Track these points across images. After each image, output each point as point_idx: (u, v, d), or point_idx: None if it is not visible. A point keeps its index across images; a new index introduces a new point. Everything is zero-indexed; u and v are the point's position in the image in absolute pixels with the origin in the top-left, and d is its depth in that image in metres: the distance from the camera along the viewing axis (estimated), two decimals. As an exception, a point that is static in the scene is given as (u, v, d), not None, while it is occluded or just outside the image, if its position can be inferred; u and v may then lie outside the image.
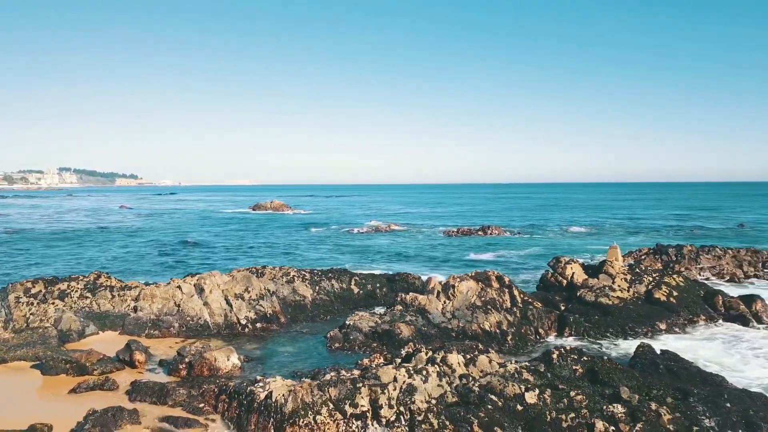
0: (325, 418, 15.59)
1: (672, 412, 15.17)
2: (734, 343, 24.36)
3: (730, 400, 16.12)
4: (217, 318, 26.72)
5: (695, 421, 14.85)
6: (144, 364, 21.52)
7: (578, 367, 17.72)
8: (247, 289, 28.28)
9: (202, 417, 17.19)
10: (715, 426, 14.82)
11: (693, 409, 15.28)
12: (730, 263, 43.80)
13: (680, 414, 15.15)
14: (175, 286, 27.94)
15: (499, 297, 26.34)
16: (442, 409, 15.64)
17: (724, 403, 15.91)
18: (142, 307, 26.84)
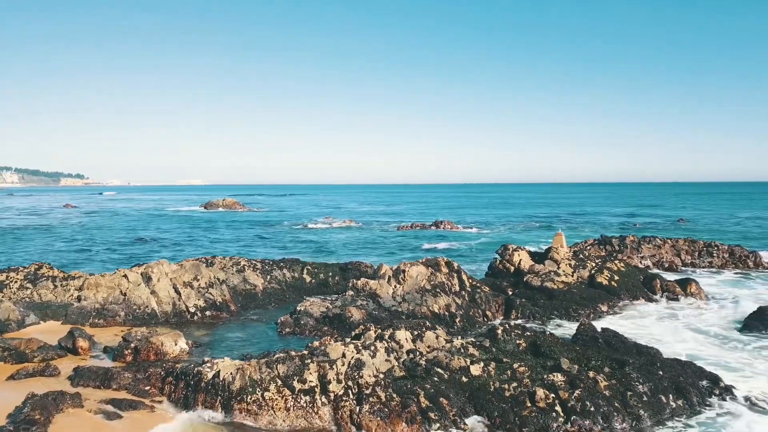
0: (273, 395, 15.64)
1: (608, 379, 15.89)
2: (670, 320, 25.58)
3: (663, 368, 16.99)
4: (165, 306, 26.28)
5: (630, 387, 15.59)
6: (88, 351, 21.01)
7: (521, 342, 18.31)
8: (196, 278, 27.91)
9: (147, 399, 16.93)
10: (648, 391, 15.60)
11: (628, 377, 16.03)
12: (669, 252, 45.77)
13: (616, 381, 15.89)
14: (121, 275, 27.32)
15: (448, 281, 26.86)
16: (389, 383, 15.91)
17: (657, 371, 16.76)
18: (86, 296, 26.15)
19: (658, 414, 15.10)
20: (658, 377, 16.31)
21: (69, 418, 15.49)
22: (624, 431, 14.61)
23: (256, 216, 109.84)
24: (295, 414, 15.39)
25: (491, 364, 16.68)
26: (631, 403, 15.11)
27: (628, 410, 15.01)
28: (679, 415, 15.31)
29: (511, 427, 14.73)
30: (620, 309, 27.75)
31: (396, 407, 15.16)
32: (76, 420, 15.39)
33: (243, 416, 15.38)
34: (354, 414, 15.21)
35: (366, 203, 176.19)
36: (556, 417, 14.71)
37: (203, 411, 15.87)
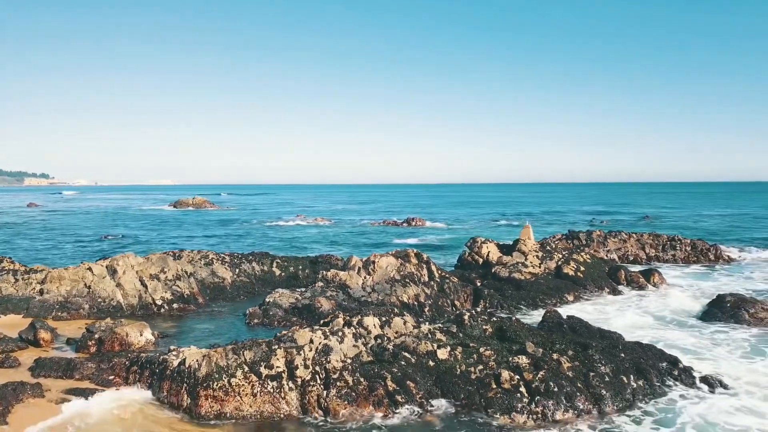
0: (240, 381, 15.54)
1: (572, 361, 16.21)
2: (633, 308, 26.19)
3: (624, 350, 17.40)
4: (131, 299, 25.86)
5: (592, 368, 15.92)
6: (50, 342, 20.55)
7: (488, 327, 18.53)
8: (163, 270, 27.53)
9: (111, 388, 16.68)
10: (609, 372, 15.95)
11: (591, 358, 16.38)
12: (634, 246, 46.78)
13: (579, 363, 16.21)
14: (85, 268, 26.79)
15: (418, 272, 27.02)
16: (357, 367, 15.96)
17: (619, 353, 17.16)
18: (49, 289, 25.58)
19: (620, 393, 15.45)
20: (620, 359, 16.69)
21: (29, 408, 15.17)
22: (586, 410, 14.93)
23: (227, 214, 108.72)
24: (262, 399, 15.33)
25: (458, 348, 16.85)
26: (594, 383, 15.44)
27: (590, 390, 15.33)
28: (641, 395, 15.68)
29: (477, 408, 14.92)
30: (586, 298, 28.28)
31: (363, 391, 15.23)
32: (37, 410, 15.07)
33: (208, 403, 15.24)
34: (321, 398, 15.22)
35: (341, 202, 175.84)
36: (520, 398, 14.95)
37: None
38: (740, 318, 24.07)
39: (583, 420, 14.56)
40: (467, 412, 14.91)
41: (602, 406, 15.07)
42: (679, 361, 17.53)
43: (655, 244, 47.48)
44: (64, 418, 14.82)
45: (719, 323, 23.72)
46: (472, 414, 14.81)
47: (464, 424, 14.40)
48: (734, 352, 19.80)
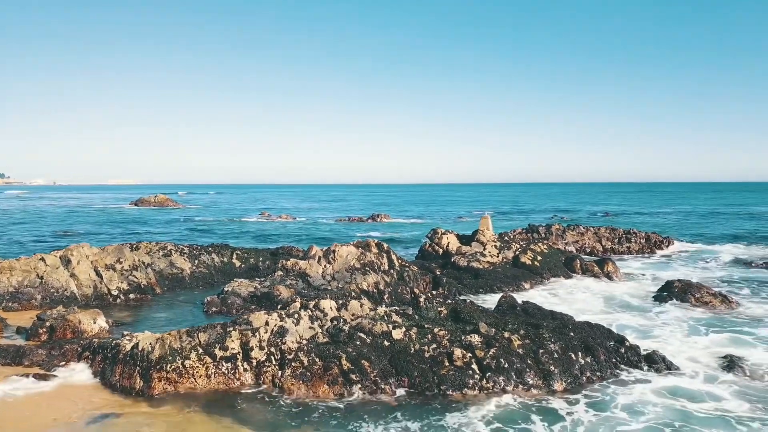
0: (194, 362, 15.50)
1: (522, 339, 16.64)
2: (586, 293, 26.96)
3: (574, 330, 17.93)
4: (86, 289, 25.39)
5: (542, 346, 16.38)
6: (1, 331, 20.08)
7: (443, 309, 18.86)
8: (119, 260, 27.10)
9: (63, 373, 16.40)
10: (558, 349, 16.44)
11: (541, 337, 16.84)
12: (591, 239, 47.99)
13: (529, 341, 16.66)
14: (37, 258, 26.19)
15: (378, 260, 27.24)
16: (312, 348, 16.07)
17: (569, 332, 17.68)
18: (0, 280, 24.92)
19: (568, 370, 15.94)
20: (569, 338, 17.21)
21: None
22: (536, 386, 15.37)
23: (190, 212, 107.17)
24: (216, 380, 15.33)
25: (413, 329, 17.11)
26: (543, 359, 15.89)
27: (539, 366, 15.78)
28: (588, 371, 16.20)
29: (430, 386, 15.20)
30: (542, 286, 28.95)
31: (318, 370, 15.36)
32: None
33: (162, 385, 15.14)
34: (276, 378, 15.30)
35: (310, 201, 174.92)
36: (472, 374, 15.30)
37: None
38: (687, 301, 25.02)
39: (531, 395, 15.00)
40: (421, 389, 15.19)
41: (551, 381, 15.54)
42: (626, 339, 18.14)
43: (611, 237, 48.82)
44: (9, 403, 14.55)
45: (667, 307, 24.60)
46: (426, 391, 15.09)
47: (418, 402, 14.67)
48: (677, 333, 20.61)
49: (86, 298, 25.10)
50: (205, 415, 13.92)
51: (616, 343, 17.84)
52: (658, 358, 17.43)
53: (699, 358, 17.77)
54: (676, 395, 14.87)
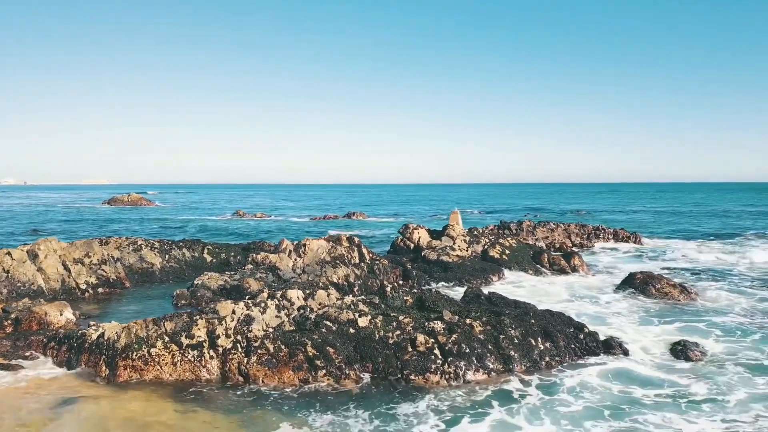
0: (160, 350, 15.66)
1: (484, 325, 17.10)
2: (552, 285, 27.62)
3: (534, 317, 18.45)
4: (53, 283, 25.24)
5: (502, 332, 16.86)
6: (-38, 324, 19.89)
7: (409, 298, 19.26)
8: (87, 255, 26.97)
9: (28, 363, 16.41)
10: (519, 335, 16.94)
11: (502, 323, 17.32)
12: (561, 235, 48.91)
13: (491, 327, 17.12)
14: (3, 253, 25.90)
15: (348, 254, 27.55)
16: (278, 336, 16.32)
17: (530, 319, 18.18)
18: (-36, 274, 24.63)
19: (528, 354, 16.45)
20: (530, 324, 17.72)
21: (-62, 383, 14.80)
22: (496, 370, 15.85)
23: (164, 211, 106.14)
24: (183, 368, 15.50)
25: (379, 317, 17.45)
26: (503, 345, 16.37)
27: (500, 351, 16.26)
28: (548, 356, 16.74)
29: (393, 371, 15.58)
30: (510, 279, 29.55)
31: (283, 357, 15.62)
32: (-54, 385, 14.71)
33: (127, 373, 15.27)
34: (242, 365, 15.52)
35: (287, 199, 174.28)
36: (434, 359, 15.71)
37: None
38: (647, 292, 25.80)
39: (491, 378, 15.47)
40: (384, 374, 15.55)
41: (511, 365, 16.03)
42: (586, 326, 18.74)
43: (581, 233, 49.84)
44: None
45: (628, 297, 25.36)
46: (389, 376, 15.46)
47: (381, 386, 15.04)
48: (636, 321, 21.33)
49: (54, 292, 24.93)
50: (171, 401, 14.10)
51: (576, 330, 18.42)
52: (615, 343, 18.06)
53: (652, 345, 18.44)
54: (627, 379, 15.48)
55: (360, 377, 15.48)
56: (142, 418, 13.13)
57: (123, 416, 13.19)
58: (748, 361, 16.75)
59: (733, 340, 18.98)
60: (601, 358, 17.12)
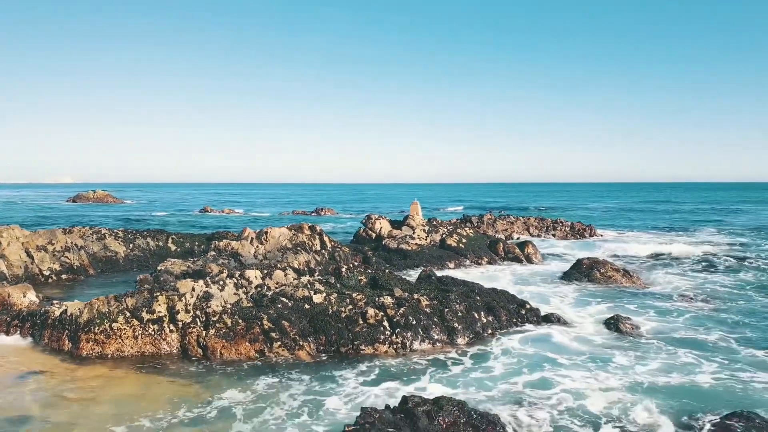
0: (122, 325, 16.39)
1: (431, 300, 18.26)
2: (504, 271, 29.01)
3: (479, 294, 19.70)
4: (16, 269, 25.58)
5: (447, 306, 18.04)
6: (-75, 306, 20.24)
7: (363, 278, 20.30)
8: (51, 242, 27.34)
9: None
10: (463, 309, 18.14)
11: (447, 298, 18.50)
12: (520, 227, 50.65)
13: (437, 302, 18.29)
14: (-34, 240, 26.15)
15: (310, 241, 28.50)
16: (236, 311, 17.20)
17: (474, 296, 19.42)
18: (-75, 261, 24.83)
19: (471, 327, 17.66)
20: (474, 300, 18.95)
21: None
22: (441, 341, 17.01)
23: (131, 207, 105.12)
24: (143, 341, 16.27)
25: (333, 294, 18.47)
26: (448, 317, 17.55)
27: (444, 324, 17.43)
28: (490, 328, 17.98)
29: (345, 342, 16.60)
30: (465, 265, 30.85)
31: (240, 330, 16.51)
32: None
33: (89, 347, 15.97)
34: (201, 338, 16.36)
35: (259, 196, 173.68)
36: (383, 330, 16.78)
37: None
38: (592, 276, 27.36)
39: (436, 348, 16.62)
40: (337, 346, 16.56)
41: (455, 336, 17.21)
42: (528, 303, 20.08)
43: (539, 226, 51.63)
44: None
45: (575, 281, 26.87)
46: (341, 347, 16.48)
47: (333, 356, 16.05)
48: (577, 301, 22.81)
49: (17, 278, 25.28)
50: (132, 372, 14.87)
51: (518, 306, 19.74)
52: (554, 318, 19.45)
53: (590, 320, 19.85)
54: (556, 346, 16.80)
55: (313, 348, 16.47)
56: (103, 388, 13.88)
57: (84, 387, 13.92)
58: (674, 336, 18.14)
59: (666, 318, 20.46)
60: (539, 330, 18.44)
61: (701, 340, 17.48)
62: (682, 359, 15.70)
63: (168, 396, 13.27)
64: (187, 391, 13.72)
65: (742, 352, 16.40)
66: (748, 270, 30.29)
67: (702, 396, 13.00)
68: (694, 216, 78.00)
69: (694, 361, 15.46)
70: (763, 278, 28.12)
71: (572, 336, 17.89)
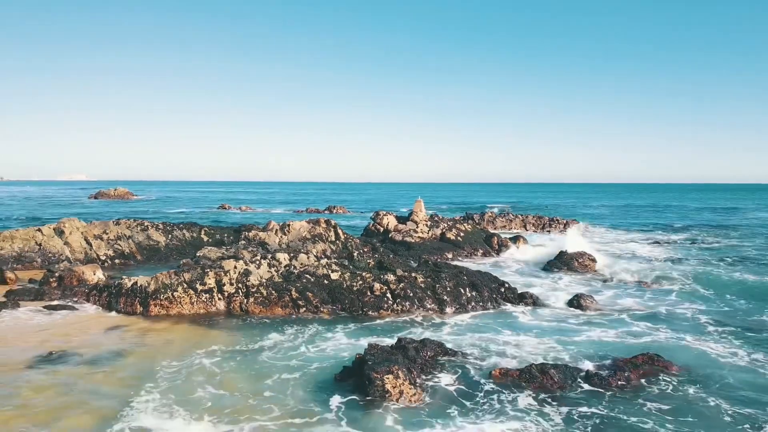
0: (181, 294, 20.84)
1: (425, 277, 22.57)
2: (495, 261, 33.20)
3: (466, 275, 23.95)
4: (78, 254, 30.19)
5: (439, 282, 22.33)
6: (15, 281, 24.87)
7: (371, 261, 24.64)
8: (105, 232, 31.93)
9: (77, 306, 21.46)
10: (451, 285, 22.41)
11: (439, 276, 22.78)
12: (518, 224, 54.83)
13: (431, 279, 22.58)
14: (35, 229, 30.81)
15: (326, 233, 32.88)
16: (270, 284, 21.61)
17: (462, 276, 23.68)
18: (2, 247, 29.47)
19: (457, 299, 21.93)
20: (461, 279, 23.22)
21: (9, 315, 19.77)
22: (432, 309, 21.30)
23: (151, 203, 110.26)
24: (198, 307, 20.71)
25: (347, 273, 22.83)
26: (438, 291, 21.84)
27: (436, 296, 21.72)
28: (473, 302, 22.23)
29: (356, 309, 20.94)
30: (462, 256, 35.11)
31: (274, 298, 20.92)
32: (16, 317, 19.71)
33: (157, 309, 20.44)
34: (242, 304, 20.79)
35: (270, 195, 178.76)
36: (387, 300, 21.12)
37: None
38: (571, 266, 31.48)
39: (428, 315, 20.93)
40: (350, 311, 20.90)
41: (444, 306, 21.49)
42: (507, 283, 24.29)
43: (536, 223, 55.81)
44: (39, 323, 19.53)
45: (555, 269, 31.01)
46: (353, 312, 20.83)
47: (346, 319, 20.38)
48: (552, 284, 27.03)
49: (79, 262, 29.85)
50: (191, 326, 19.30)
51: (498, 285, 23.97)
52: (528, 296, 23.65)
53: (559, 299, 23.99)
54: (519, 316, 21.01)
55: (331, 313, 20.84)
56: (171, 335, 18.33)
57: (156, 334, 18.38)
58: (630, 311, 22.02)
59: (627, 299, 24.30)
60: (514, 305, 22.66)
61: (648, 314, 21.52)
62: (624, 326, 19.85)
63: (220, 339, 17.68)
64: (233, 336, 18.11)
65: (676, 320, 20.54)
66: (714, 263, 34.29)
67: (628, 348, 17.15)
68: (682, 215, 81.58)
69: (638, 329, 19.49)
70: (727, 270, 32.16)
71: (539, 311, 22.09)
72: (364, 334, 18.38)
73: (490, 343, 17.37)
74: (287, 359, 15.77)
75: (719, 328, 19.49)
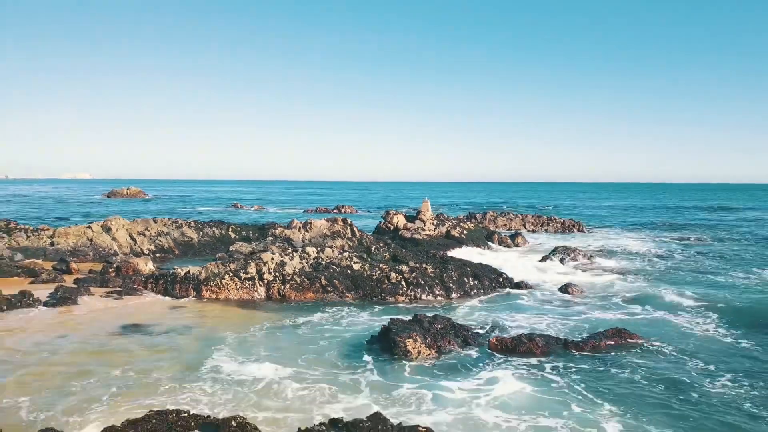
0: (227, 281, 24.59)
1: (434, 268, 26.29)
2: (495, 256, 36.90)
3: (469, 267, 27.68)
4: (124, 249, 33.99)
5: (446, 272, 26.04)
6: (78, 271, 28.66)
7: (386, 254, 28.39)
8: (147, 229, 35.73)
9: (137, 292, 25.24)
10: (456, 275, 26.13)
11: (446, 268, 26.51)
12: (518, 223, 58.47)
13: (439, 270, 26.30)
14: (85, 227, 34.62)
15: (343, 230, 36.63)
16: (302, 273, 25.36)
17: (465, 267, 27.40)
18: (59, 242, 33.30)
19: (462, 287, 25.63)
20: (465, 269, 26.94)
21: (86, 298, 23.54)
22: (440, 295, 25.02)
23: (165, 201, 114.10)
24: (242, 292, 24.47)
25: (366, 264, 26.56)
26: (445, 280, 25.56)
27: (443, 284, 25.43)
28: (475, 289, 25.93)
29: (375, 294, 24.68)
30: (464, 250, 38.82)
31: (306, 285, 24.66)
32: (92, 299, 23.48)
33: (208, 294, 24.21)
34: (280, 290, 24.53)
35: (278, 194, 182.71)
36: (402, 287, 24.85)
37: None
38: (563, 261, 35.17)
39: (437, 300, 24.64)
40: (370, 297, 24.63)
41: (450, 293, 25.20)
42: (504, 273, 28.01)
43: (535, 222, 59.44)
44: (107, 305, 23.29)
45: (548, 263, 34.70)
46: (372, 297, 24.55)
47: (367, 303, 24.09)
48: (545, 275, 30.68)
49: (126, 256, 33.63)
50: (237, 308, 23.06)
51: (497, 275, 27.68)
52: (523, 284, 27.35)
53: (550, 287, 27.69)
54: (515, 299, 24.71)
55: (354, 298, 24.57)
56: (222, 314, 22.08)
57: (210, 314, 22.13)
58: (612, 297, 25.75)
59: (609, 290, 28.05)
60: (511, 291, 26.36)
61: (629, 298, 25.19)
62: (603, 308, 23.55)
63: (265, 317, 21.43)
64: (276, 315, 21.85)
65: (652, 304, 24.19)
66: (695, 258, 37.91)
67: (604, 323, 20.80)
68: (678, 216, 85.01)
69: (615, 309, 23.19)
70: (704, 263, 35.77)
71: (532, 296, 25.80)
72: (385, 313, 22.11)
73: (489, 320, 21.10)
74: (324, 331, 19.51)
75: (692, 309, 23.11)
